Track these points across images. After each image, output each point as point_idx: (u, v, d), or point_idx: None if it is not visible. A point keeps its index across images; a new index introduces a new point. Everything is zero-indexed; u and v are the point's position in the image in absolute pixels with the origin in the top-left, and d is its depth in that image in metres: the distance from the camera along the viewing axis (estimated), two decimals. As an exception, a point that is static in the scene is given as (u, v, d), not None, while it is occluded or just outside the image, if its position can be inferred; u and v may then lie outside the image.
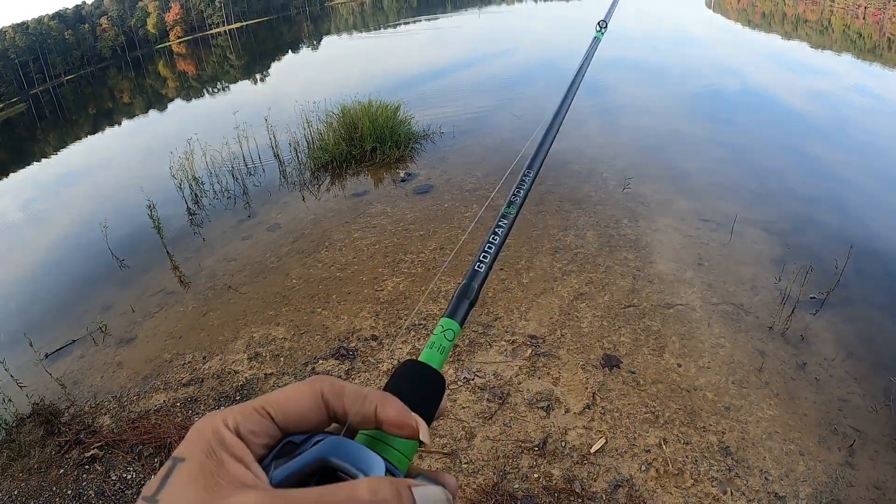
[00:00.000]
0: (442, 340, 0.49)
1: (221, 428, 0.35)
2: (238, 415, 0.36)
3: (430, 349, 0.48)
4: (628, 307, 4.05)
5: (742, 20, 36.33)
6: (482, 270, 0.55)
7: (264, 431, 0.36)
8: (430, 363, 0.47)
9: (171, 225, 6.68)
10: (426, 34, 30.42)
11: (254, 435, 0.35)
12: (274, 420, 0.36)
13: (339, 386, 0.39)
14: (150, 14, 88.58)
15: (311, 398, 0.38)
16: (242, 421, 0.35)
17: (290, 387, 0.39)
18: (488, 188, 6.20)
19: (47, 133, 23.87)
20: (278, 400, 0.37)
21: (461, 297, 0.52)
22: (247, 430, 0.35)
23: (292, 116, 8.89)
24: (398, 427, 0.38)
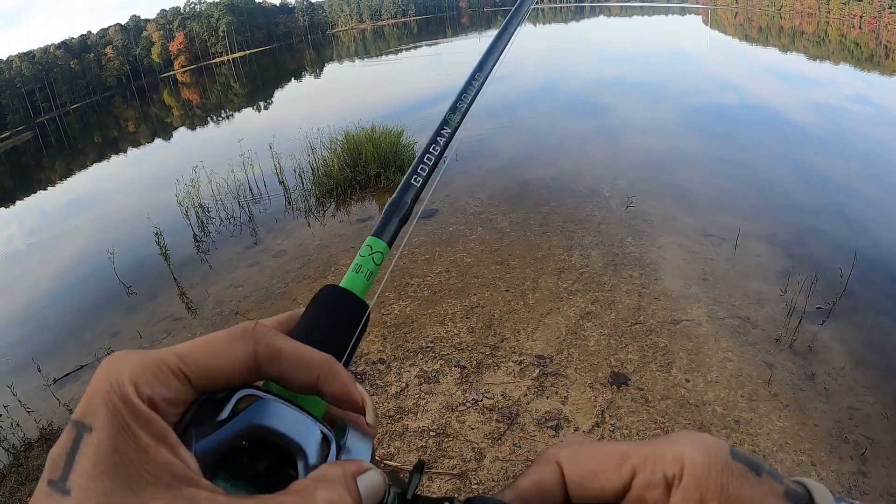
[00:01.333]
0: (368, 263, 0.44)
1: (132, 396, 0.28)
2: (151, 377, 0.30)
3: (355, 273, 0.43)
4: (635, 324, 4.06)
5: (739, 35, 36.67)
6: (417, 184, 0.48)
7: (180, 399, 0.31)
8: (353, 289, 0.42)
9: (177, 252, 6.72)
10: (426, 60, 30.78)
11: (169, 404, 0.30)
12: (191, 382, 0.31)
13: (276, 348, 0.33)
14: (155, 43, 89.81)
15: (239, 359, 0.32)
16: (157, 385, 0.30)
17: (214, 339, 0.33)
18: (493, 211, 6.24)
19: (53, 161, 24.04)
20: (200, 358, 0.32)
21: (391, 214, 0.47)
22: (162, 398, 0.30)
23: (296, 143, 8.99)
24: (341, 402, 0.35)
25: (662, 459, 0.31)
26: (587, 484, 0.33)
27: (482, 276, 4.94)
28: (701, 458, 0.30)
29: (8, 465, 3.73)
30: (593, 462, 0.33)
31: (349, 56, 47.91)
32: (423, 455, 3.03)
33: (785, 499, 0.29)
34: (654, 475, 0.30)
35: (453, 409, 3.37)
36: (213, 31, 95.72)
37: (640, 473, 0.31)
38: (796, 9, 56.67)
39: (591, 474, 0.32)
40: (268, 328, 0.34)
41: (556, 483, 0.34)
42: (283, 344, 0.34)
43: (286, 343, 0.34)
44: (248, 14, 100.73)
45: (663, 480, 0.30)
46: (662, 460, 0.31)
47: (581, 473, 0.33)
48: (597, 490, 0.32)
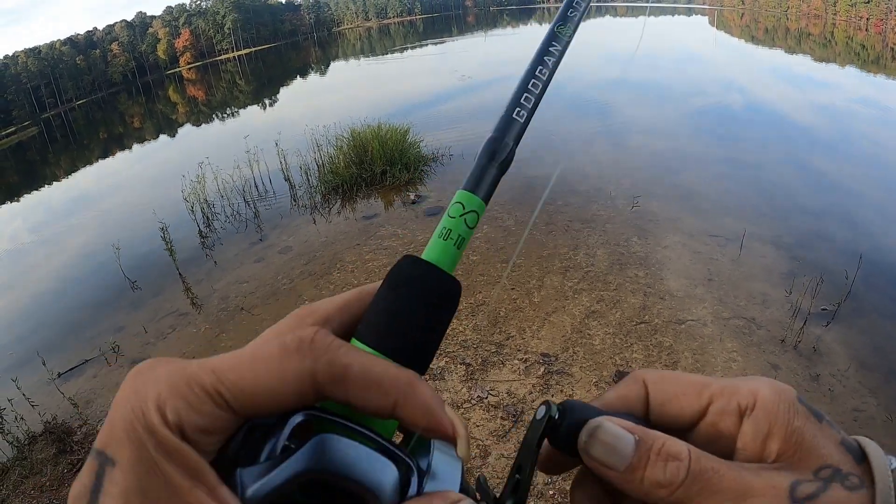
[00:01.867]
0: (460, 227, 0.34)
1: (158, 425, 0.24)
2: (181, 401, 0.25)
3: (444, 240, 0.34)
4: (640, 324, 4.06)
5: (745, 36, 36.60)
6: (521, 119, 0.37)
7: (219, 426, 0.26)
8: (440, 263, 0.33)
9: (182, 248, 6.73)
10: (432, 59, 30.77)
11: (205, 435, 0.25)
12: (232, 407, 0.26)
13: (340, 366, 0.27)
14: (161, 40, 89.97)
15: (294, 382, 0.26)
16: (188, 414, 0.25)
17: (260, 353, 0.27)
18: (498, 209, 6.25)
19: (59, 157, 24.16)
20: (242, 377, 0.26)
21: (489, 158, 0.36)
22: (195, 427, 0.25)
23: (302, 140, 9.00)
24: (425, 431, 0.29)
25: (738, 392, 0.32)
26: (668, 405, 0.34)
27: (488, 273, 4.96)
28: (772, 396, 0.31)
29: (12, 459, 3.75)
30: (676, 386, 0.34)
31: (355, 54, 47.93)
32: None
33: (841, 446, 0.31)
34: (729, 404, 0.32)
35: (458, 406, 3.38)
36: (219, 28, 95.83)
37: (717, 401, 0.32)
38: (802, 10, 56.51)
39: (673, 396, 0.34)
40: (330, 339, 0.28)
41: (640, 400, 0.35)
42: (349, 359, 0.28)
43: (354, 358, 0.28)
44: (254, 11, 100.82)
45: (737, 409, 0.32)
46: (738, 393, 0.32)
47: (664, 394, 0.34)
48: (676, 412, 0.34)
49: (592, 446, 0.31)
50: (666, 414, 0.34)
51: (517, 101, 0.37)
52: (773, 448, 0.30)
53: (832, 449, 0.30)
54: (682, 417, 0.34)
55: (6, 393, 4.24)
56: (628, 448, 0.30)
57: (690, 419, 0.33)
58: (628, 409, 0.35)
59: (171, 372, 0.26)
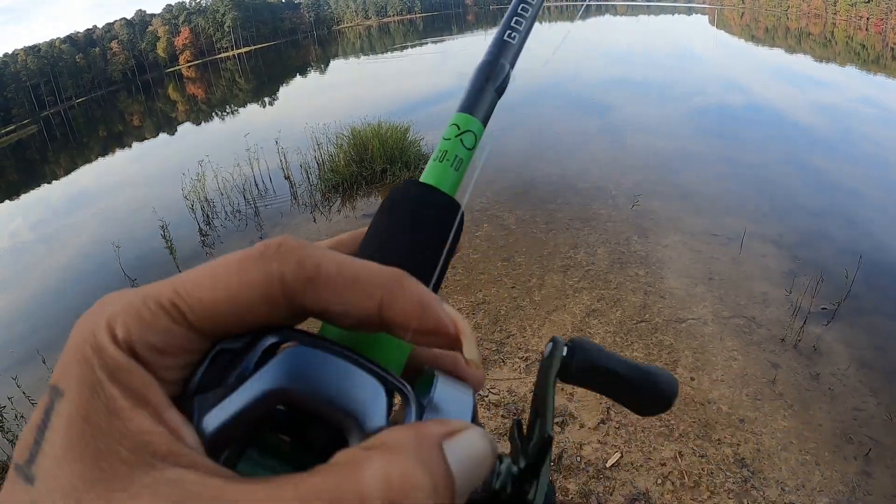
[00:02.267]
0: (457, 147, 0.32)
1: (106, 342, 0.21)
2: (132, 319, 0.21)
3: (441, 162, 0.32)
4: (640, 322, 4.07)
5: (745, 35, 36.61)
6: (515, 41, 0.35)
7: (177, 345, 0.22)
8: (439, 185, 0.31)
9: (183, 246, 6.72)
10: (432, 58, 30.76)
11: (159, 354, 0.21)
12: (192, 323, 0.22)
13: (313, 266, 0.23)
14: (160, 38, 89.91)
15: (258, 288, 0.22)
16: (140, 330, 0.21)
17: (221, 263, 0.23)
18: (499, 207, 6.25)
19: (58, 155, 24.12)
20: (198, 289, 0.22)
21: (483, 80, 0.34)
22: (147, 345, 0.21)
23: (302, 139, 9.00)
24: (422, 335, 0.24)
25: None
26: None
27: (488, 272, 4.95)
28: None
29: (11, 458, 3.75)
30: None
31: (355, 52, 47.90)
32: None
33: None
34: None
35: (459, 403, 3.39)
36: (219, 27, 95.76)
37: None
38: (803, 10, 56.53)
39: None
40: (300, 242, 0.24)
41: None
42: (322, 258, 0.23)
43: (328, 256, 0.23)
44: (254, 9, 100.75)
45: None
46: None
47: None
48: None
49: None
50: None
51: (508, 24, 0.35)
52: None
53: None
54: None
55: (6, 391, 4.23)
56: None
57: None
58: None
59: (127, 293, 0.22)
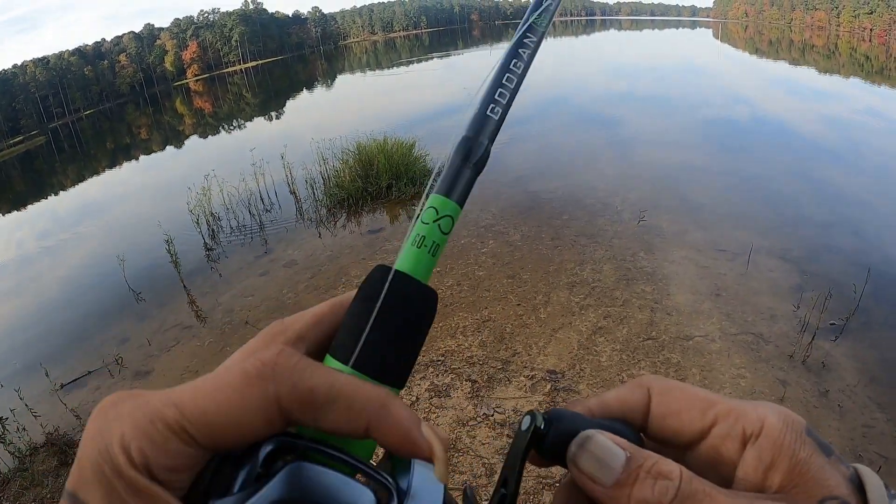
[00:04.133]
0: (434, 233, 0.32)
1: (125, 468, 0.23)
2: (145, 440, 0.24)
3: (417, 248, 0.32)
4: (647, 340, 4.03)
5: (750, 48, 36.74)
6: (496, 116, 0.35)
7: (185, 464, 0.25)
8: (415, 273, 0.31)
9: (187, 260, 6.73)
10: (438, 73, 30.93)
11: (172, 472, 0.24)
12: (198, 443, 0.25)
13: (306, 391, 0.26)
14: (168, 52, 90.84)
15: (258, 411, 0.25)
16: (154, 453, 0.24)
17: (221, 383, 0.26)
18: (504, 224, 6.24)
19: (66, 166, 24.27)
20: (203, 411, 0.25)
21: (462, 160, 0.34)
22: (162, 466, 0.24)
23: (308, 153, 9.02)
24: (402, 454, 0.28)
25: (745, 416, 0.30)
26: (670, 419, 0.32)
27: (494, 289, 4.93)
28: (779, 424, 0.30)
29: (13, 469, 3.72)
30: (682, 400, 0.32)
31: (361, 67, 48.23)
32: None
33: (850, 483, 0.29)
34: (734, 428, 0.30)
35: (464, 423, 3.35)
36: (226, 41, 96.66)
37: (721, 423, 0.31)
38: (806, 22, 56.70)
39: (677, 410, 0.32)
40: (295, 360, 0.26)
41: (641, 407, 0.33)
42: (314, 381, 0.26)
43: (320, 379, 0.26)
44: (261, 24, 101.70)
45: (741, 435, 0.30)
46: (745, 417, 0.30)
47: (667, 407, 0.32)
48: (676, 427, 0.32)
49: (581, 458, 0.30)
50: (666, 428, 0.32)
51: (491, 98, 0.35)
52: (775, 480, 0.29)
53: (839, 482, 0.28)
54: (683, 434, 0.32)
55: (8, 402, 4.23)
56: (618, 463, 0.29)
57: (691, 437, 0.32)
58: (625, 415, 0.33)
59: (133, 409, 0.25)
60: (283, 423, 0.26)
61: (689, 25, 69.99)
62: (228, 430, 0.25)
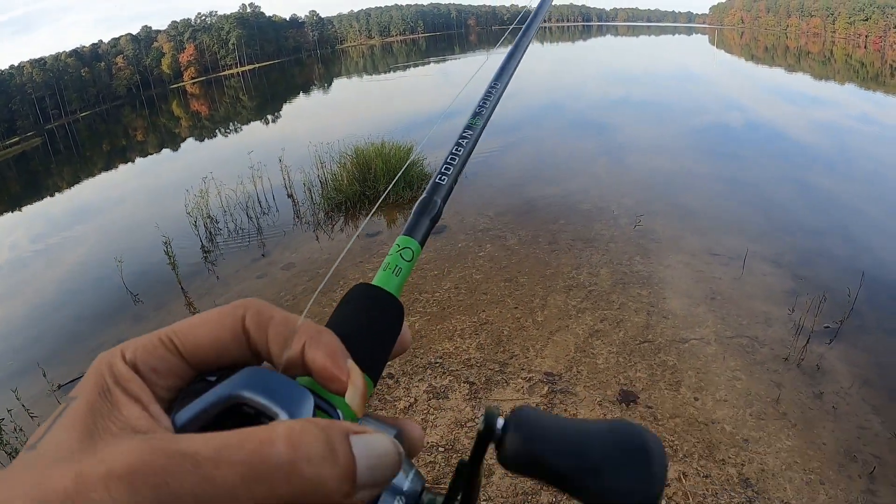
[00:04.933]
0: (398, 261, 0.42)
1: (117, 361, 0.30)
2: (139, 346, 0.31)
3: (385, 271, 0.42)
4: (643, 343, 4.06)
5: (745, 55, 36.89)
6: (445, 183, 0.48)
7: (169, 369, 0.31)
8: (385, 287, 0.40)
9: (185, 262, 6.71)
10: (434, 78, 30.96)
11: (156, 373, 0.30)
12: (182, 355, 0.31)
13: (266, 315, 0.32)
14: (165, 54, 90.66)
15: (228, 328, 0.32)
16: (143, 355, 0.30)
17: (207, 312, 0.32)
18: (502, 228, 6.27)
19: (62, 167, 24.23)
20: (189, 330, 0.32)
21: (421, 213, 0.46)
22: (147, 366, 0.30)
23: (306, 157, 9.04)
24: (324, 378, 0.32)
25: None
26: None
27: (491, 292, 4.96)
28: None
29: (9, 471, 3.72)
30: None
31: (358, 72, 48.26)
32: (431, 471, 3.03)
33: None
34: None
35: (462, 424, 3.38)
36: (224, 44, 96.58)
37: None
38: (802, 29, 56.98)
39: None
40: (265, 301, 0.33)
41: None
42: (274, 312, 0.33)
43: (278, 312, 0.33)
44: (259, 28, 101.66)
45: None
46: None
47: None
48: None
49: None
50: None
51: (441, 171, 0.49)
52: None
53: None
54: None
55: (5, 403, 4.22)
56: None
57: None
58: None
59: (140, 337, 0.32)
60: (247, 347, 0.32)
61: (685, 31, 70.26)
62: (204, 343, 0.31)
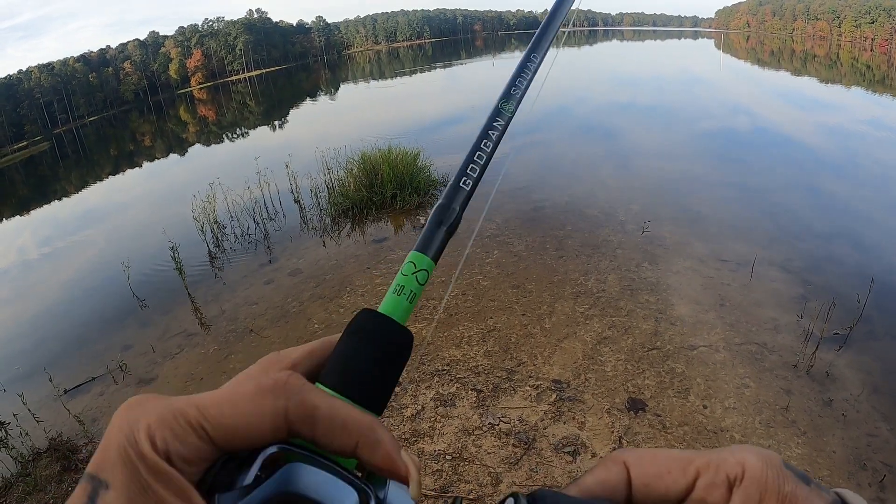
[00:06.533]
0: (412, 283, 0.38)
1: (148, 450, 0.27)
2: (168, 431, 0.28)
3: (397, 296, 0.38)
4: (651, 350, 4.04)
5: (751, 59, 36.81)
6: (467, 188, 0.42)
7: (200, 457, 0.29)
8: (394, 315, 0.37)
9: (192, 267, 6.73)
10: (441, 84, 31.02)
11: (187, 463, 0.28)
12: (213, 441, 0.29)
13: (311, 407, 0.31)
14: (173, 60, 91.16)
15: (268, 417, 0.30)
16: (174, 442, 0.28)
17: (239, 391, 0.31)
18: (508, 234, 6.26)
19: (69, 172, 24.35)
20: (221, 413, 0.29)
21: (437, 224, 0.41)
22: (179, 455, 0.28)
23: (312, 162, 9.05)
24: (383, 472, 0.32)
25: (725, 463, 0.32)
26: (653, 484, 0.33)
27: (498, 299, 4.94)
28: (759, 463, 0.31)
29: (15, 474, 3.72)
30: (659, 464, 0.34)
31: (364, 77, 48.39)
32: (438, 479, 3.02)
33: None
34: (717, 476, 0.32)
35: (469, 432, 3.36)
36: (231, 50, 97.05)
37: (704, 475, 0.32)
38: (808, 32, 56.86)
39: (657, 475, 0.33)
40: (302, 382, 0.32)
41: (622, 482, 0.34)
42: (318, 401, 0.31)
43: (322, 401, 0.31)
44: (265, 33, 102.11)
45: (725, 481, 0.32)
46: (725, 464, 0.32)
47: (647, 475, 0.34)
48: (662, 491, 0.33)
49: None
50: (652, 494, 0.34)
51: (464, 171, 0.43)
52: None
53: None
54: (669, 496, 0.33)
55: (11, 407, 4.23)
56: None
57: (677, 497, 0.33)
58: (609, 495, 0.34)
59: (160, 405, 0.29)
60: (285, 434, 0.31)
61: (690, 36, 70.24)
62: (239, 432, 0.29)
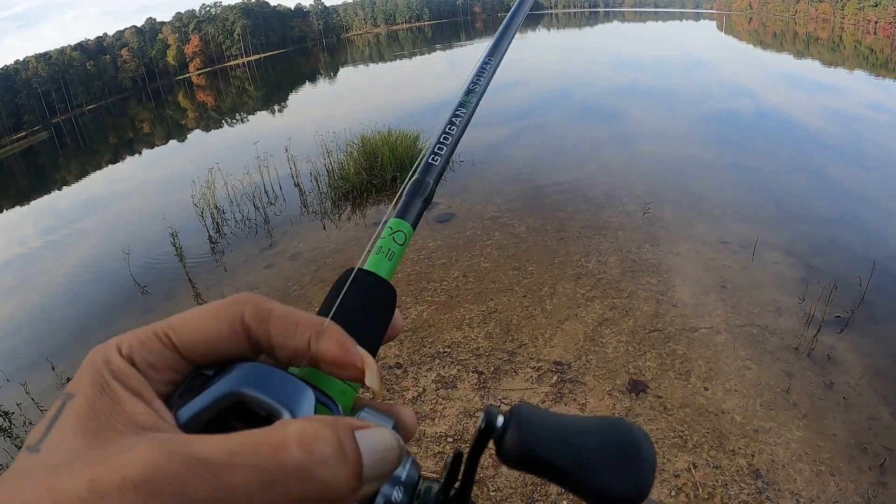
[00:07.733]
0: (391, 244, 0.42)
1: (114, 355, 0.29)
2: (134, 341, 0.30)
3: (378, 255, 0.41)
4: (653, 332, 4.03)
5: (754, 41, 36.53)
6: (437, 163, 0.48)
7: (166, 364, 0.30)
8: (378, 272, 0.40)
9: (192, 253, 6.73)
10: (441, 66, 30.83)
11: (153, 368, 0.30)
12: (178, 349, 0.31)
13: (265, 309, 0.32)
14: (170, 46, 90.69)
15: (226, 323, 0.31)
16: (139, 349, 0.30)
17: (203, 307, 0.32)
18: (510, 216, 6.24)
19: (69, 161, 24.33)
20: (185, 324, 0.31)
21: (413, 194, 0.45)
22: (143, 360, 0.30)
23: (312, 146, 9.01)
24: (338, 367, 0.32)
25: None
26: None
27: (500, 281, 4.93)
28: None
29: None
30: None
31: (363, 60, 48.12)
32: (439, 462, 3.02)
33: None
34: None
35: (471, 414, 3.37)
36: (229, 34, 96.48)
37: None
38: (811, 14, 56.43)
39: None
40: (260, 295, 0.33)
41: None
42: (273, 305, 0.32)
43: (277, 305, 0.33)
44: (263, 17, 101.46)
45: None
46: None
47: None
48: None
49: None
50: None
51: (433, 151, 0.48)
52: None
53: None
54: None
55: (15, 397, 4.25)
56: None
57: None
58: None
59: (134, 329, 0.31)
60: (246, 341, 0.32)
61: (693, 17, 69.68)
62: (204, 340, 0.31)
